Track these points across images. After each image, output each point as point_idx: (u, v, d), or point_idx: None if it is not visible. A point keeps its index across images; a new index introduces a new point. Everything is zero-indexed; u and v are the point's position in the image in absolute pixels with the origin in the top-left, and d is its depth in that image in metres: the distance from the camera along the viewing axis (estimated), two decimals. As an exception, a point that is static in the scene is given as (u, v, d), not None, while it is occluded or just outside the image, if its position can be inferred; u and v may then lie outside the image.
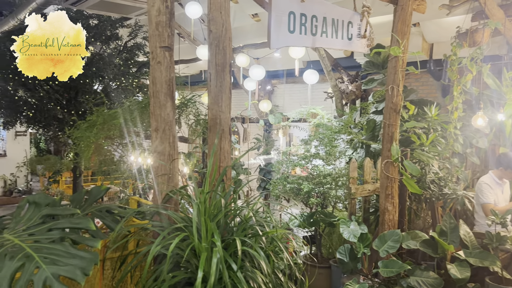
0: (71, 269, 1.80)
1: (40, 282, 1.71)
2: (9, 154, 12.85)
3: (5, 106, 8.22)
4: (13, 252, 1.85)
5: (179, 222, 2.42)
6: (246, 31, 7.61)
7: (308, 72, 6.36)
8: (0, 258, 1.78)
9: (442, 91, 6.81)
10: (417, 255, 4.13)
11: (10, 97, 8.13)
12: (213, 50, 2.96)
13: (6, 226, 2.21)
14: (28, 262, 1.78)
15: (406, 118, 4.46)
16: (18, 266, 1.76)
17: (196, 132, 5.86)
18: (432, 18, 5.53)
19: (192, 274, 2.36)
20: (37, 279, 1.72)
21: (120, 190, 8.46)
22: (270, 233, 2.50)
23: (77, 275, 1.79)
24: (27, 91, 8.22)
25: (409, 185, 3.80)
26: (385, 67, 5.69)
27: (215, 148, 2.92)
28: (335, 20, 3.51)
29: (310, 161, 5.06)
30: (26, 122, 8.51)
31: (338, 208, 5.17)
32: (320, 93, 7.84)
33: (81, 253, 1.89)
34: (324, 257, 4.91)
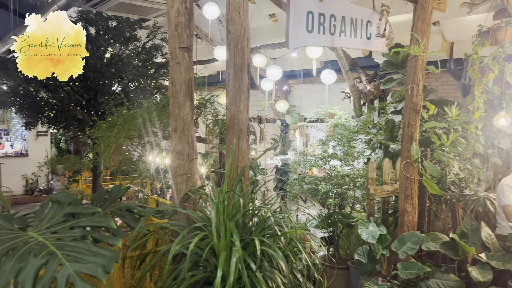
0: (93, 267, 1.83)
1: (63, 279, 1.74)
2: (30, 154, 13.13)
3: (27, 107, 8.41)
4: (37, 249, 1.89)
5: (198, 221, 2.44)
6: (263, 31, 7.62)
7: (325, 72, 6.33)
8: (25, 255, 1.82)
9: (462, 91, 6.70)
10: (437, 257, 4.07)
11: (32, 98, 8.31)
12: (231, 51, 2.97)
13: (30, 224, 2.26)
14: (51, 259, 1.82)
15: (426, 118, 4.40)
16: (42, 263, 1.80)
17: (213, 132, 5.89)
18: (453, 16, 5.45)
19: (210, 273, 2.37)
20: (60, 276, 1.75)
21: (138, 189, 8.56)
22: (288, 234, 2.49)
23: (98, 273, 1.81)
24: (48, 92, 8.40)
25: (429, 186, 3.74)
26: (404, 67, 5.63)
27: (233, 148, 2.93)
28: (354, 20, 3.49)
29: (328, 161, 5.04)
30: (47, 122, 8.69)
31: (356, 209, 5.13)
32: (338, 93, 7.79)
33: (102, 251, 1.92)
34: (342, 258, 4.87)
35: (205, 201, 3.11)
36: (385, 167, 4.43)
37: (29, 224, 2.27)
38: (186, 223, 2.65)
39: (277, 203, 2.76)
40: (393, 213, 4.55)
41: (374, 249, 3.84)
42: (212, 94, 5.20)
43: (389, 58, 5.70)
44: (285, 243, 2.54)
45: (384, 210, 4.45)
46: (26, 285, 1.71)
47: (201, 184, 3.86)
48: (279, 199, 4.17)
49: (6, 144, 14.14)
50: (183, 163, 2.98)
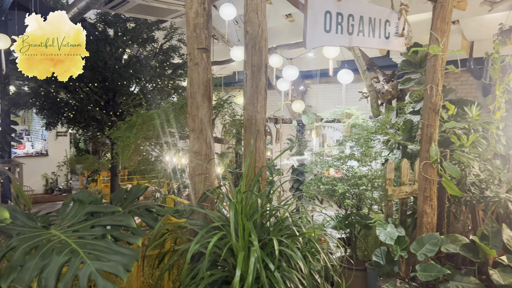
0: (113, 265, 1.86)
1: (85, 277, 1.78)
2: (50, 153, 13.38)
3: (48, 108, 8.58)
4: (60, 247, 1.92)
5: (216, 221, 2.45)
6: (279, 32, 7.62)
7: (342, 71, 6.29)
8: (48, 253, 1.86)
9: (482, 90, 6.58)
10: (457, 259, 4.01)
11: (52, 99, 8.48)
12: (249, 51, 2.97)
13: (52, 222, 2.30)
14: (74, 257, 1.85)
15: (446, 118, 4.34)
16: (65, 261, 1.84)
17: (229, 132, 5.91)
18: (473, 15, 5.36)
19: (229, 272, 2.38)
20: (82, 274, 1.78)
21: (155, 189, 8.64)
22: (306, 234, 2.49)
23: (119, 271, 1.84)
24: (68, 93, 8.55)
25: (449, 187, 3.69)
26: (422, 66, 5.56)
27: (251, 149, 2.94)
28: (372, 19, 3.46)
29: (345, 162, 5.01)
30: (67, 123, 8.85)
31: (374, 210, 5.09)
32: (355, 93, 7.73)
33: (123, 250, 1.95)
34: (359, 260, 4.84)
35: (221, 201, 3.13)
36: (404, 168, 4.39)
37: (51, 223, 2.32)
38: (204, 222, 2.67)
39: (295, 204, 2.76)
40: (412, 215, 4.50)
41: (392, 251, 3.81)
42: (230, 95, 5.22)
43: (407, 57, 5.64)
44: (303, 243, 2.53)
45: (402, 211, 4.41)
46: (49, 282, 1.74)
47: (218, 184, 3.89)
48: (295, 200, 4.16)
49: (27, 144, 14.45)
50: (201, 162, 3.00)
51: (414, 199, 4.58)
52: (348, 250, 5.01)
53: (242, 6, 3.06)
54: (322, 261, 2.48)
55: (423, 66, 5.50)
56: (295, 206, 2.94)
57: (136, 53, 8.77)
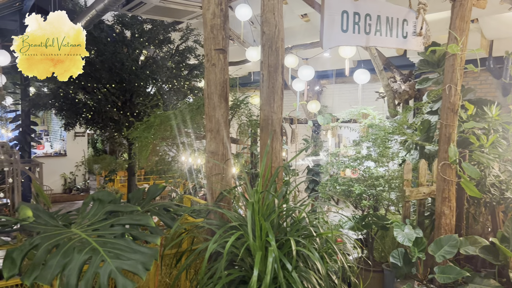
0: (133, 264, 1.89)
1: (106, 275, 1.81)
2: (69, 154, 13.60)
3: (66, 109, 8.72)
4: (80, 246, 1.96)
5: (233, 221, 2.46)
6: (295, 32, 7.60)
7: (358, 71, 6.24)
8: (69, 251, 1.90)
9: (502, 90, 6.46)
10: (476, 261, 3.95)
11: (70, 100, 8.61)
12: (265, 51, 2.98)
13: (73, 221, 2.35)
14: (94, 255, 1.89)
15: (464, 118, 4.28)
16: (86, 259, 1.87)
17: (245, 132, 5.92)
18: (493, 13, 5.27)
19: (246, 272, 2.39)
20: (102, 272, 1.81)
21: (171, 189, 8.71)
22: (324, 235, 2.49)
23: (139, 270, 1.87)
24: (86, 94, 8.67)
25: (468, 188, 3.64)
26: (440, 66, 5.49)
27: (267, 149, 2.95)
28: (390, 18, 3.44)
29: (362, 162, 4.97)
30: (85, 123, 8.98)
31: (391, 211, 5.04)
32: (371, 93, 7.67)
33: (142, 249, 1.97)
34: (376, 261, 4.80)
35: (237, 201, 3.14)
36: (422, 169, 4.34)
37: (72, 221, 2.36)
38: (221, 222, 2.69)
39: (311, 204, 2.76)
40: (430, 216, 4.45)
41: (409, 252, 3.77)
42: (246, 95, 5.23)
43: (425, 57, 5.57)
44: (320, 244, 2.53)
45: (420, 212, 4.36)
46: (71, 279, 1.78)
47: (234, 184, 3.90)
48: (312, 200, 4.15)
49: (46, 144, 14.71)
50: (217, 163, 3.02)
51: (432, 200, 4.53)
52: (365, 251, 4.98)
53: (258, 6, 3.07)
54: (339, 262, 2.47)
55: (441, 66, 5.43)
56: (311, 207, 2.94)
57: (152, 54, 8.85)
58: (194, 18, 6.46)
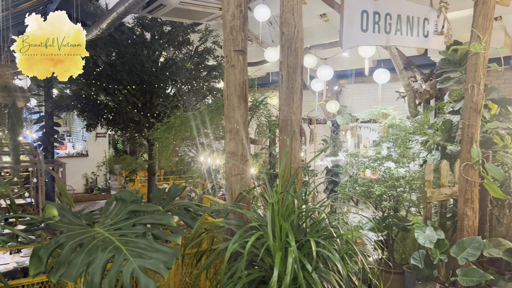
0: (155, 263, 1.92)
1: (128, 273, 1.84)
2: (90, 154, 13.84)
3: (88, 110, 8.89)
4: (104, 244, 2.00)
5: (253, 221, 2.47)
6: (313, 32, 7.58)
7: (378, 71, 6.18)
8: (93, 250, 1.94)
9: (527, 89, 6.31)
10: (500, 264, 3.86)
11: (92, 101, 8.77)
12: (285, 52, 2.98)
13: (96, 220, 2.39)
14: (117, 254, 1.92)
15: (488, 118, 4.19)
16: (109, 257, 1.91)
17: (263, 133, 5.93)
18: (517, 10, 5.15)
19: (266, 272, 2.40)
20: (125, 270, 1.85)
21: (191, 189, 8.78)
22: (344, 236, 2.47)
23: (160, 269, 1.89)
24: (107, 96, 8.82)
25: (491, 189, 3.56)
26: (462, 65, 5.39)
27: (287, 149, 2.95)
28: (410, 17, 3.40)
29: (382, 163, 4.92)
30: (106, 124, 9.13)
31: (412, 213, 4.98)
32: (391, 93, 7.59)
33: (163, 248, 2.00)
34: (396, 263, 4.75)
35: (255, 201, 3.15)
36: (443, 169, 4.28)
37: (95, 221, 2.41)
38: (241, 222, 2.70)
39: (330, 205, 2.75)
40: (452, 217, 4.38)
41: (431, 254, 3.72)
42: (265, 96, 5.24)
43: (446, 56, 5.47)
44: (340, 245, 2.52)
45: (441, 213, 4.29)
46: (95, 277, 1.81)
47: (253, 185, 3.91)
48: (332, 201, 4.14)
49: (69, 145, 15.02)
50: (237, 163, 3.03)
51: (454, 202, 4.45)
52: (385, 253, 4.93)
53: (276, 7, 3.07)
54: (360, 263, 2.45)
55: (463, 65, 5.33)
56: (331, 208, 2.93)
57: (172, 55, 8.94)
58: (213, 20, 6.51)
